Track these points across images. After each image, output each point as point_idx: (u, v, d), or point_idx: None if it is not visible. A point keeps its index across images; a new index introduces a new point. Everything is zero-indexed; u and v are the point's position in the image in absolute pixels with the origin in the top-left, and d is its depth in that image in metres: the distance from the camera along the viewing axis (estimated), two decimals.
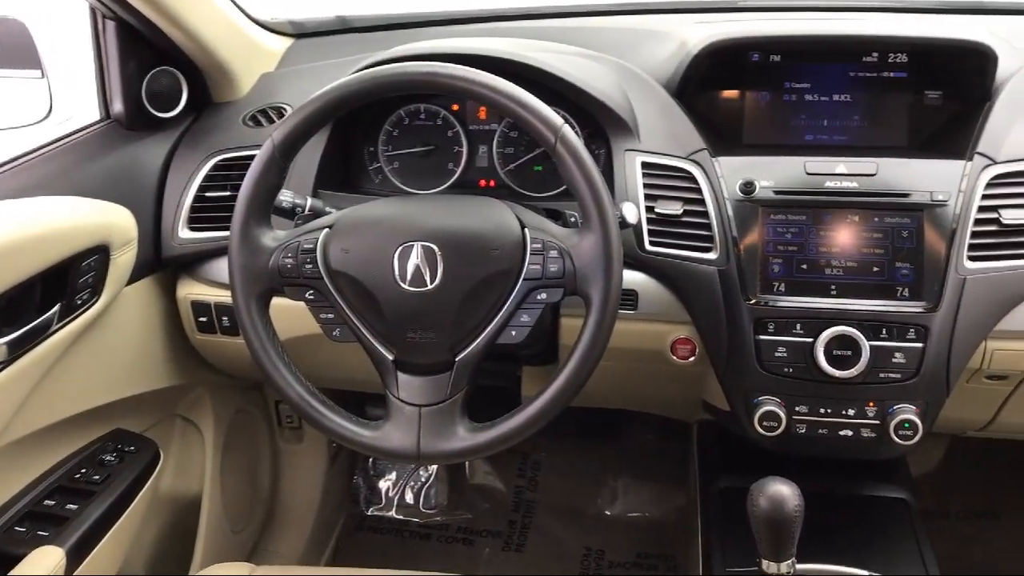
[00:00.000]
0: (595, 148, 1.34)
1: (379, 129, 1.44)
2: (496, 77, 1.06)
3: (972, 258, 1.17)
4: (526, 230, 1.09)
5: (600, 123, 1.31)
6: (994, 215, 1.18)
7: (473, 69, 1.06)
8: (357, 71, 1.23)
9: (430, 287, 1.07)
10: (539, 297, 1.08)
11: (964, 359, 1.19)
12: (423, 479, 2.14)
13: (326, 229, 1.11)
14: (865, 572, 1.20)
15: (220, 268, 1.39)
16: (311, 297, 1.11)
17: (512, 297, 1.08)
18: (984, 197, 1.19)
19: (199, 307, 1.42)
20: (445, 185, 1.43)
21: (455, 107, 1.43)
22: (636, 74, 1.38)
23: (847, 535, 1.29)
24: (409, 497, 2.13)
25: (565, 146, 1.04)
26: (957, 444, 1.87)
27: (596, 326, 1.05)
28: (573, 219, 1.24)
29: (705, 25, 1.44)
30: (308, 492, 1.96)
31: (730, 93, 1.39)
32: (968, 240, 1.17)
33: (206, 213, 1.39)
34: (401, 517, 2.11)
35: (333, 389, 1.52)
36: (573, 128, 1.31)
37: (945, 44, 1.28)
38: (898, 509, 1.34)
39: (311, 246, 1.10)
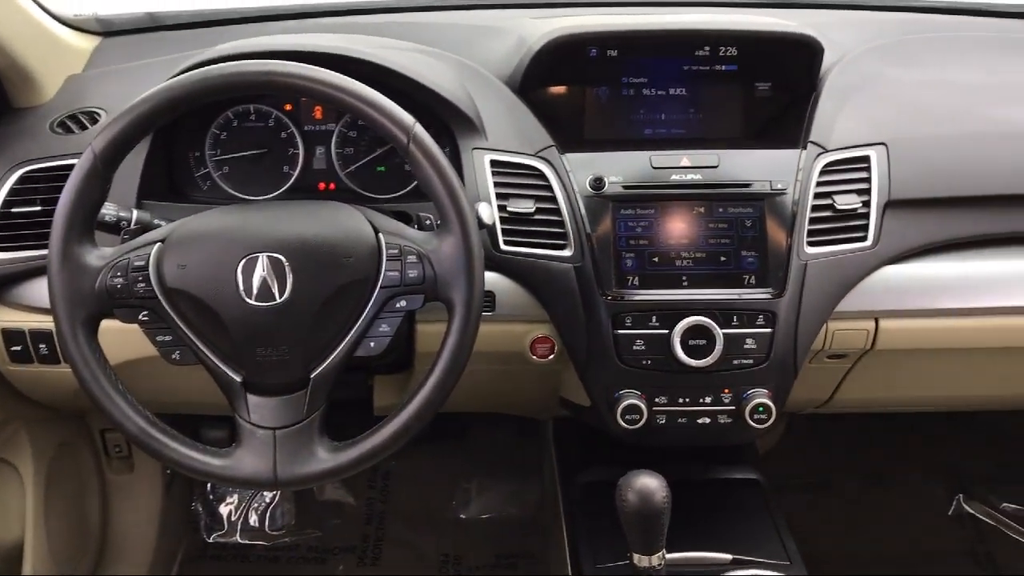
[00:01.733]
0: (441, 147, 1.30)
1: (205, 132, 1.35)
2: (340, 75, 1.00)
3: (812, 243, 1.22)
4: (380, 235, 1.04)
5: (445, 122, 1.28)
6: (829, 201, 1.23)
7: (313, 67, 1.00)
8: (183, 71, 1.15)
9: (279, 301, 1.00)
10: (398, 305, 1.04)
11: (809, 341, 1.23)
12: (267, 500, 2.03)
13: (158, 244, 1.02)
14: (729, 556, 1.23)
15: (34, 291, 1.25)
16: (145, 318, 1.02)
17: (369, 307, 1.03)
18: (819, 184, 1.23)
19: (11, 335, 1.28)
20: (281, 190, 1.35)
21: (288, 107, 1.36)
22: (477, 71, 1.35)
23: (707, 520, 1.32)
24: (253, 520, 2.03)
25: (418, 146, 1.00)
26: (792, 420, 1.96)
27: (461, 331, 1.01)
28: (428, 221, 1.20)
29: (542, 20, 1.43)
30: (143, 524, 1.83)
31: (570, 89, 1.38)
32: (807, 226, 1.22)
33: (14, 231, 1.25)
34: (246, 541, 2.00)
35: (168, 413, 1.41)
36: None
37: (773, 37, 1.32)
38: (752, 489, 1.39)
39: (142, 263, 1.01)
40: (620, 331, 1.20)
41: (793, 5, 1.67)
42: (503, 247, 1.22)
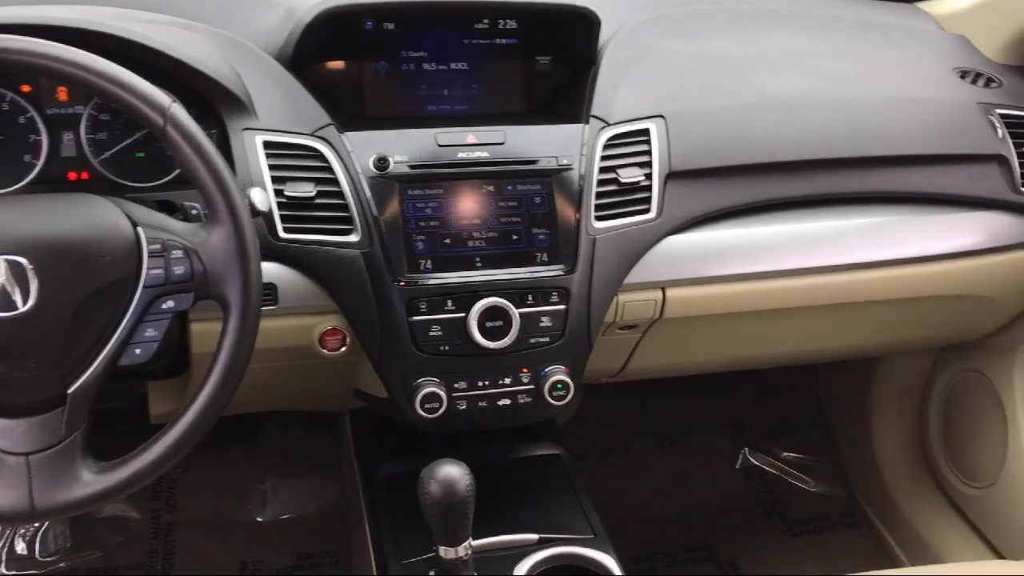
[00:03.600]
0: (207, 129, 1.19)
1: None
2: (83, 52, 0.89)
3: (599, 218, 1.22)
4: (139, 229, 0.94)
5: (210, 101, 1.17)
6: (613, 175, 1.23)
7: (51, 43, 0.88)
8: None
9: (22, 310, 0.88)
10: (165, 306, 0.94)
11: (602, 314, 1.24)
12: (35, 524, 1.84)
13: None
14: (535, 536, 1.22)
15: None
16: None
17: (132, 310, 0.93)
18: (603, 159, 1.23)
19: None
20: (23, 183, 1.19)
21: (25, 88, 1.20)
22: (244, 45, 1.25)
23: (512, 501, 1.30)
24: (21, 547, 1.83)
25: (177, 128, 0.91)
26: (589, 390, 1.99)
27: (238, 331, 0.93)
28: (195, 211, 1.09)
29: None
30: None
31: (348, 63, 1.31)
32: (594, 201, 1.22)
33: None
34: (13, 573, 1.81)
35: None
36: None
37: (551, 9, 1.31)
38: (554, 465, 1.39)
39: None
40: (415, 318, 1.15)
41: None
42: (283, 235, 1.13)
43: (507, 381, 1.20)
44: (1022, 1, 1.49)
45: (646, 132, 1.27)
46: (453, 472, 1.05)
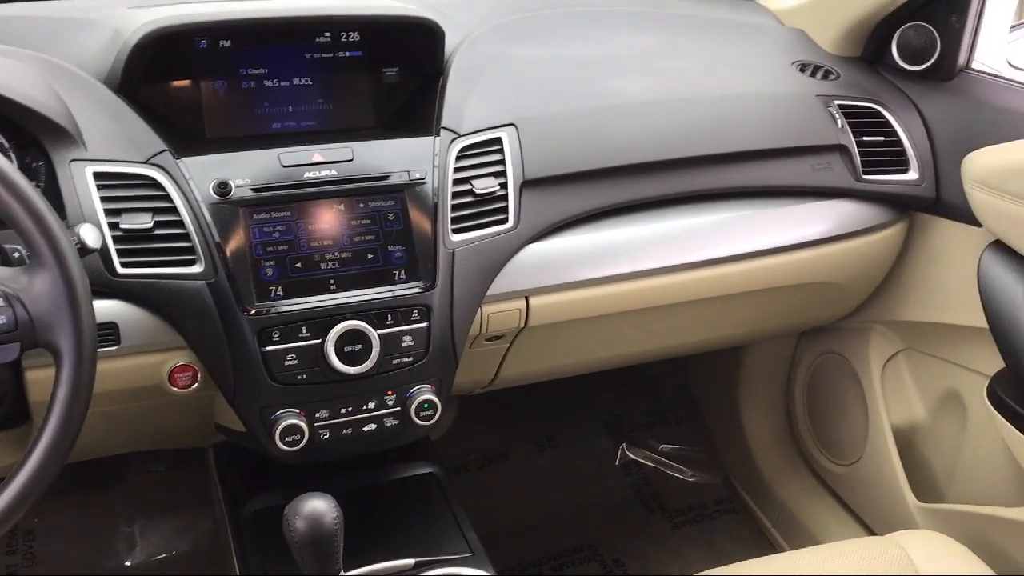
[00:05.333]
0: (30, 162, 1.11)
1: None
2: None
3: (456, 230, 1.20)
4: None
5: (32, 132, 1.09)
6: (468, 186, 1.21)
7: None
8: None
9: None
10: None
11: (466, 329, 1.22)
12: None
13: None
14: (411, 560, 1.19)
15: None
16: None
17: None
18: (456, 170, 1.21)
19: None
20: None
21: None
22: (66, 70, 1.17)
23: (386, 526, 1.27)
24: None
25: None
26: (465, 400, 1.97)
27: (72, 380, 0.87)
28: (17, 255, 1.02)
29: (142, 11, 1.27)
30: None
31: (183, 84, 1.24)
32: (450, 214, 1.19)
33: None
34: None
35: None
36: None
37: (393, 21, 1.28)
38: (429, 484, 1.36)
39: None
40: (268, 348, 1.10)
41: None
42: (120, 270, 1.07)
43: (371, 406, 1.16)
44: None
45: (499, 141, 1.26)
46: (319, 506, 1.01)
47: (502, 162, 1.25)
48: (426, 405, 1.17)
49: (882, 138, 1.48)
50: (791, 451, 1.98)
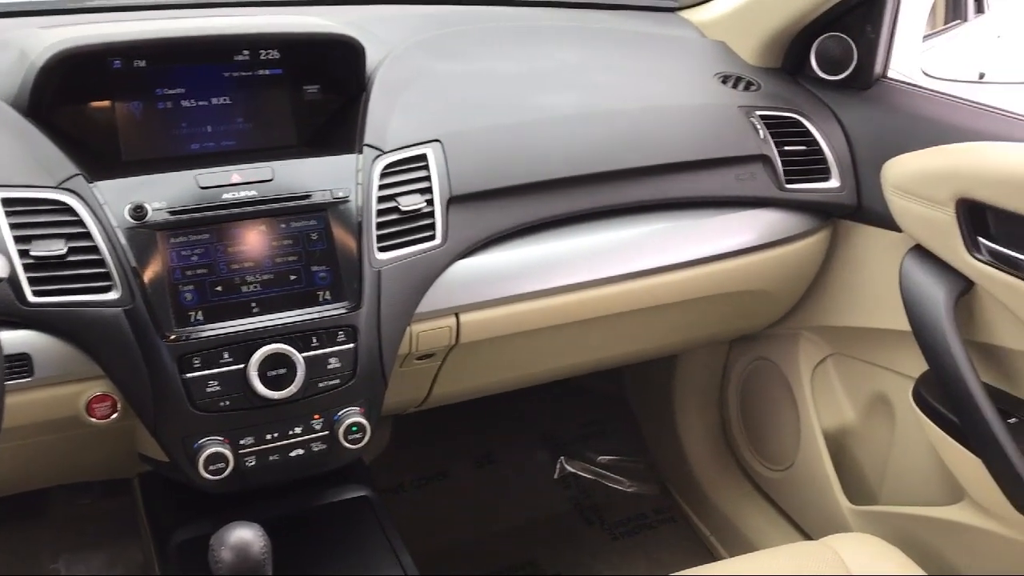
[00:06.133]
0: None
1: None
2: None
3: (382, 249, 1.18)
4: None
5: None
6: (393, 204, 1.20)
7: None
8: None
9: None
10: None
11: (395, 348, 1.20)
12: None
13: None
14: None
15: None
16: None
17: None
18: (381, 188, 1.20)
19: None
20: None
21: None
22: None
23: (318, 553, 1.25)
24: None
25: None
26: (400, 419, 1.95)
27: None
28: None
29: (50, 30, 1.24)
30: None
31: (97, 105, 1.20)
32: (375, 232, 1.18)
33: None
34: None
35: None
36: None
37: (312, 39, 1.26)
38: (362, 508, 1.33)
39: None
40: (189, 375, 1.07)
41: (338, 1, 1.63)
42: (32, 299, 1.03)
43: (298, 430, 1.14)
44: (773, 6, 1.56)
45: (424, 158, 1.25)
46: (245, 535, 0.99)
47: (428, 178, 1.24)
48: (355, 428, 1.15)
49: (803, 147, 1.50)
50: (727, 458, 2.00)
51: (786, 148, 1.48)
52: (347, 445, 1.16)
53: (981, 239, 1.28)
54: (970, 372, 1.27)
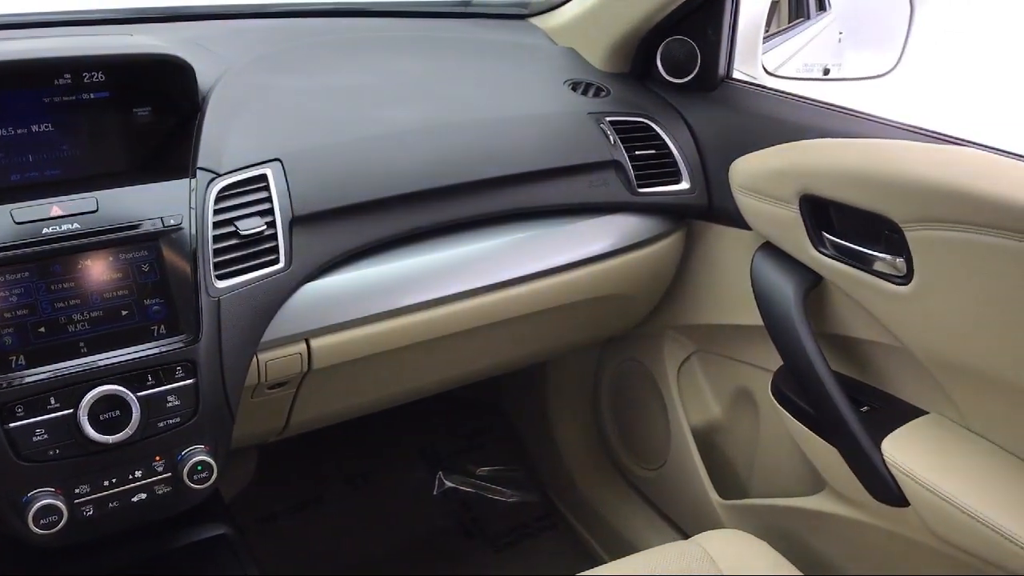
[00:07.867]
0: None
1: None
2: None
3: (220, 276, 1.12)
4: None
5: None
6: (231, 228, 1.15)
7: None
8: None
9: None
10: None
11: (241, 380, 1.15)
12: None
13: None
14: None
15: None
16: None
17: None
18: (217, 212, 1.14)
19: None
20: None
21: None
22: None
23: None
24: None
25: None
26: (267, 448, 1.88)
27: None
28: None
29: None
30: None
31: None
32: (212, 259, 1.12)
33: None
34: None
35: None
36: None
37: (137, 59, 1.19)
38: (219, 547, 1.27)
39: None
40: (12, 424, 1.00)
41: (179, 17, 1.55)
42: None
43: (139, 474, 1.07)
44: (617, 11, 1.57)
45: (263, 178, 1.20)
46: None
47: (268, 200, 1.19)
48: (200, 467, 1.10)
49: (653, 151, 1.51)
50: (603, 460, 2.01)
51: (637, 152, 1.49)
52: (193, 486, 1.10)
53: (825, 234, 1.32)
54: (822, 364, 1.30)
